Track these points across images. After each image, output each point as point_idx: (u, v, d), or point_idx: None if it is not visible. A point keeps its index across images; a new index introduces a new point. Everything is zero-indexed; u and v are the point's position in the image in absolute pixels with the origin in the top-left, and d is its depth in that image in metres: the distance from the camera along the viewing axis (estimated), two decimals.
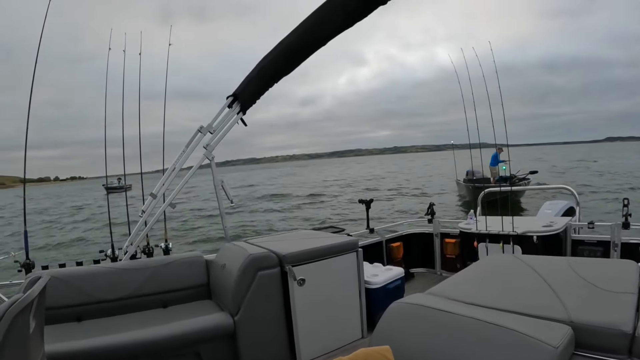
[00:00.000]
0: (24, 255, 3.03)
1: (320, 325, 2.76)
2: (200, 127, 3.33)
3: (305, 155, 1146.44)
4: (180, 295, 2.88)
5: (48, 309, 1.88)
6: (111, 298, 2.64)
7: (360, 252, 2.99)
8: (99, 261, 3.18)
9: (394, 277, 3.37)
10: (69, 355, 1.99)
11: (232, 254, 2.75)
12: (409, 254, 4.72)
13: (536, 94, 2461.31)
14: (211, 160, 3.33)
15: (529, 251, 3.41)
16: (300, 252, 2.69)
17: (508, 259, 2.26)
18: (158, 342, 2.20)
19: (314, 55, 2.95)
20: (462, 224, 4.22)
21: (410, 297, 1.65)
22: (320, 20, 2.68)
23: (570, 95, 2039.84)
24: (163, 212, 3.36)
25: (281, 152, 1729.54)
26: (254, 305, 2.50)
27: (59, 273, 2.60)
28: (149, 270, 2.83)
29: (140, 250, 3.40)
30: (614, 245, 3.32)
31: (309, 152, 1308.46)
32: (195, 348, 2.36)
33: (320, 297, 2.75)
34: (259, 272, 2.53)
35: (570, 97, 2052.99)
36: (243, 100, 3.38)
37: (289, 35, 2.88)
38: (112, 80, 3.65)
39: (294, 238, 3.21)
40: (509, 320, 1.28)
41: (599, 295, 1.51)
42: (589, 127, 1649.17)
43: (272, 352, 2.58)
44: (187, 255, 3.13)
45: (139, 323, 2.41)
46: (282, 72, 3.12)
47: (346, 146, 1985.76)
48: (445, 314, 1.40)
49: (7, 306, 1.12)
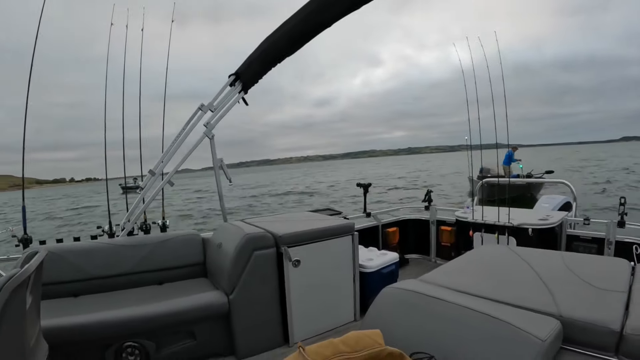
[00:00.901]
0: (21, 231, 3.03)
1: (314, 306, 2.80)
2: (201, 104, 3.30)
3: (319, 156, 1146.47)
4: (176, 273, 2.91)
5: (45, 285, 1.90)
6: (108, 274, 2.67)
7: (356, 236, 3.01)
8: (96, 237, 3.19)
9: (388, 262, 3.40)
10: (64, 330, 2.01)
11: (229, 233, 2.77)
12: (405, 240, 4.75)
13: (553, 94, 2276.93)
14: (211, 138, 3.31)
15: (524, 243, 3.42)
16: (296, 233, 2.70)
17: (502, 250, 2.27)
18: (152, 319, 2.23)
19: (329, 56, 2.93)
20: (458, 213, 4.24)
21: (402, 283, 1.66)
22: (324, 2, 2.62)
23: (586, 94, 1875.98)
24: (161, 190, 3.36)
25: (295, 154, 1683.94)
26: (249, 285, 2.53)
27: (56, 248, 2.61)
28: (145, 247, 2.85)
29: (138, 227, 3.41)
30: (608, 242, 3.34)
31: (323, 154, 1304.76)
32: (189, 326, 2.39)
33: (314, 279, 2.78)
34: (254, 252, 2.54)
35: (586, 96, 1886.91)
36: (245, 80, 3.34)
37: (293, 17, 2.82)
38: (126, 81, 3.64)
39: (290, 219, 3.22)
40: (499, 311, 1.30)
41: (589, 291, 1.53)
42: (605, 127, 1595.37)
43: (265, 331, 2.62)
44: (184, 233, 3.14)
45: (134, 300, 2.44)
46: (285, 53, 3.08)
47: (360, 147, 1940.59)
48: (437, 301, 1.42)
49: (4, 281, 1.12)
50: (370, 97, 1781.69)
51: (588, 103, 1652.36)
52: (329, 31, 2.85)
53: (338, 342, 1.06)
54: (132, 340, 2.20)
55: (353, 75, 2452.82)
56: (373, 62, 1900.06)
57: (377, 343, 1.07)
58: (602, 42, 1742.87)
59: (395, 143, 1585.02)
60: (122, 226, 3.21)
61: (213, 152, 3.39)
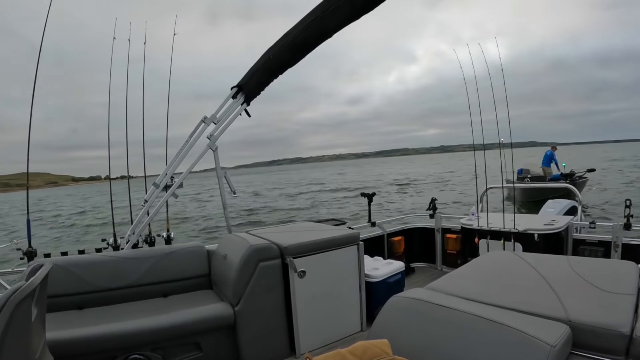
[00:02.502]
0: (26, 244, 3.05)
1: (320, 317, 2.78)
2: (204, 117, 3.33)
3: (351, 154, 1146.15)
4: (181, 285, 2.90)
5: (50, 297, 1.90)
6: (112, 287, 2.66)
7: (361, 246, 3.00)
8: (101, 250, 3.20)
9: (394, 271, 3.38)
10: (70, 343, 2.01)
11: (234, 245, 2.76)
12: (410, 249, 4.72)
13: (588, 90, 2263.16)
14: (214, 150, 3.33)
15: (530, 249, 3.40)
16: (301, 244, 2.70)
17: (508, 256, 2.26)
18: (158, 331, 2.22)
19: (364, 53, 2.87)
20: (463, 220, 4.22)
21: (409, 292, 1.65)
22: (326, 12, 2.65)
23: (622, 91, 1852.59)
24: (166, 202, 3.38)
25: (327, 152, 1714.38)
26: (254, 296, 2.51)
27: (61, 261, 2.62)
28: (150, 259, 2.84)
29: (142, 240, 3.42)
30: (615, 245, 3.31)
31: (355, 152, 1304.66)
32: (195, 338, 2.37)
33: (320, 289, 2.77)
34: (260, 263, 2.54)
35: (622, 93, 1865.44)
36: (247, 91, 3.37)
37: (295, 27, 2.85)
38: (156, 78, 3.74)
39: (295, 230, 3.22)
40: (507, 318, 1.28)
41: (598, 295, 1.51)
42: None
43: (271, 342, 2.60)
44: (189, 245, 3.14)
45: (139, 312, 2.43)
46: (287, 64, 3.10)
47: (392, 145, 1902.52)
48: (444, 309, 1.40)
49: (9, 294, 1.12)
50: (404, 93, 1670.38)
51: (624, 100, 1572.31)
52: (364, 28, 2.86)
53: (345, 352, 1.04)
54: (137, 353, 2.18)
55: (387, 72, 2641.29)
56: (408, 59, 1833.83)
57: (385, 353, 1.06)
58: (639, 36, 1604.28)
59: (428, 141, 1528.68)
60: (126, 239, 3.22)
61: (217, 163, 3.41)
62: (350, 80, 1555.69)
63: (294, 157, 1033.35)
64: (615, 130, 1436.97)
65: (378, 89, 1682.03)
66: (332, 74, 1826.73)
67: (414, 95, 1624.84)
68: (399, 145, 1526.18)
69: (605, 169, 26.70)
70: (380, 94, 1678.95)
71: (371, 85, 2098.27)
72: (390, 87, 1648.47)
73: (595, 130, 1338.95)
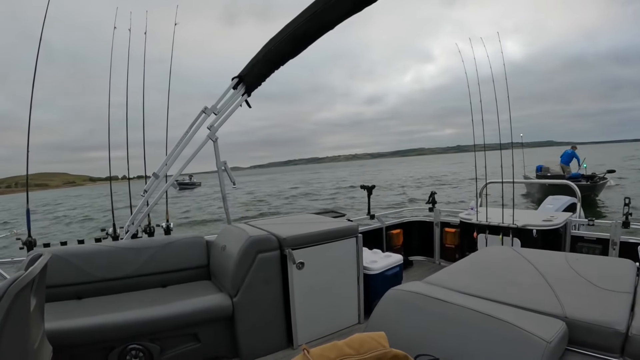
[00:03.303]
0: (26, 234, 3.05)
1: (318, 309, 2.79)
2: (205, 107, 3.31)
3: (367, 154, 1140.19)
4: (180, 275, 2.91)
5: (49, 287, 1.91)
6: (111, 277, 2.67)
7: (360, 238, 3.00)
8: (100, 240, 3.20)
9: (392, 264, 3.39)
10: (68, 333, 2.02)
11: (233, 236, 2.76)
12: (409, 242, 4.74)
13: (606, 88, 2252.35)
14: (214, 141, 3.33)
15: (528, 244, 3.41)
16: (300, 236, 2.70)
17: (506, 251, 2.26)
18: (156, 322, 2.23)
19: (381, 53, 2.84)
20: (462, 214, 4.22)
21: (407, 285, 1.65)
22: (327, 4, 2.63)
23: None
24: (165, 192, 3.38)
25: (343, 152, 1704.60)
26: (253, 288, 2.52)
27: (60, 251, 2.62)
28: (149, 250, 2.85)
29: (142, 230, 3.42)
30: (612, 243, 3.32)
31: (371, 152, 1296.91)
32: (193, 329, 2.39)
33: (318, 281, 2.77)
34: (258, 255, 2.54)
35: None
36: (248, 83, 3.36)
37: (296, 19, 2.83)
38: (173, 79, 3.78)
39: (294, 221, 3.22)
40: (504, 313, 1.29)
41: (594, 292, 1.52)
42: None
43: (269, 334, 2.62)
44: (188, 235, 3.15)
45: (138, 302, 2.44)
46: (288, 55, 3.08)
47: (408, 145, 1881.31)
48: (442, 303, 1.41)
49: (8, 283, 1.13)
50: (420, 93, 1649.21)
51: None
52: (381, 27, 2.82)
53: (342, 344, 1.05)
54: (135, 343, 2.20)
55: (403, 71, 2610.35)
56: (424, 58, 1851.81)
57: (381, 345, 1.07)
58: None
59: (444, 141, 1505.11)
60: (125, 229, 3.22)
61: (217, 154, 3.40)
62: (368, 80, 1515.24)
63: (309, 157, 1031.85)
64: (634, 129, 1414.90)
65: (394, 88, 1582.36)
66: (350, 74, 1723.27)
67: (430, 95, 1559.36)
68: (414, 145, 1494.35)
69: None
70: (396, 93, 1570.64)
71: (388, 84, 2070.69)
72: (407, 87, 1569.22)
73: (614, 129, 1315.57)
